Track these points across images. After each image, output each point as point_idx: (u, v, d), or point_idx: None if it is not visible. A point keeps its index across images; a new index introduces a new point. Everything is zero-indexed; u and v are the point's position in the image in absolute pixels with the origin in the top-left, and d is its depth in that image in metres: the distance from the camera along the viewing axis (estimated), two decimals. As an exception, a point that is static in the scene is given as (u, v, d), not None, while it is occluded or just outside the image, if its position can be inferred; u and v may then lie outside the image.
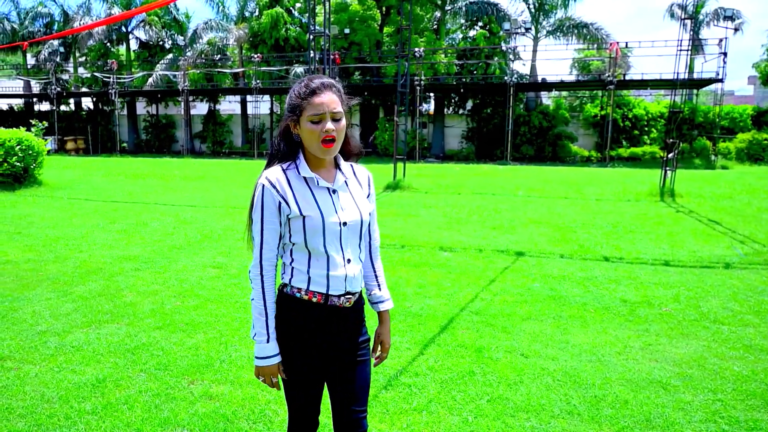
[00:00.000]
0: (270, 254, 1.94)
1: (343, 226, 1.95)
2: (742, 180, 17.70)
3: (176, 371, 3.72)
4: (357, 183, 2.07)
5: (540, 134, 26.63)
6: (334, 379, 2.07)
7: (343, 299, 1.99)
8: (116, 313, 4.81)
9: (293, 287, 1.97)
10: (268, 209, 1.91)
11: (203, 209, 10.75)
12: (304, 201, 1.92)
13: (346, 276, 1.98)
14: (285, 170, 1.94)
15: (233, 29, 31.71)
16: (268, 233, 1.93)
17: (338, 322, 2.01)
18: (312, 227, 1.91)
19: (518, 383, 3.52)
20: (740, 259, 7.04)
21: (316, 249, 1.93)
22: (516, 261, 6.77)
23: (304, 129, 1.91)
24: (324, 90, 1.90)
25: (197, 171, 19.97)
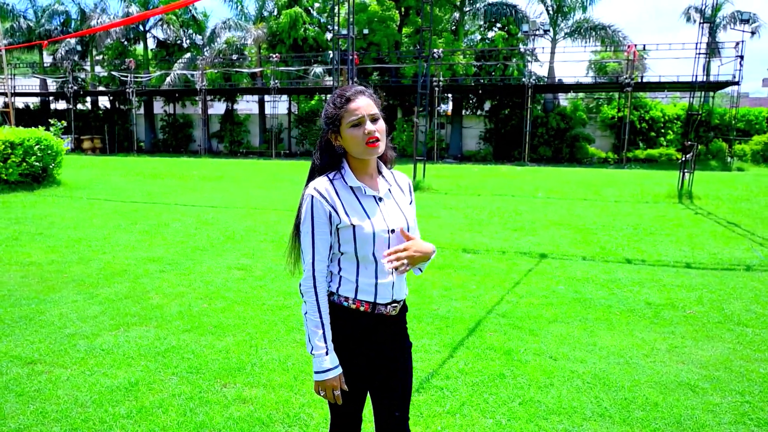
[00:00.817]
0: (321, 266, 1.94)
1: (391, 233, 1.99)
2: (759, 182, 17.63)
3: (208, 374, 3.73)
4: (399, 189, 2.11)
5: (557, 136, 26.63)
6: (379, 387, 2.07)
7: (389, 307, 2.02)
8: (144, 316, 4.82)
9: (340, 296, 1.97)
10: (319, 220, 1.92)
11: (224, 210, 10.84)
12: (353, 210, 1.94)
13: (393, 284, 2.01)
14: (332, 180, 1.97)
15: (251, 29, 31.94)
16: (319, 244, 1.93)
17: (384, 331, 2.04)
18: (362, 236, 1.93)
19: (548, 386, 3.63)
20: (761, 261, 7.10)
21: (366, 257, 1.95)
22: (539, 263, 6.88)
23: (346, 136, 1.94)
24: (358, 95, 1.95)
25: (215, 171, 20.13)
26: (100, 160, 26.34)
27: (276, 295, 5.42)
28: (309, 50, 30.72)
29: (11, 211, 10.25)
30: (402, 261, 1.96)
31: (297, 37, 30.08)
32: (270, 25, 31.06)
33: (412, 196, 2.17)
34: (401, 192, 2.12)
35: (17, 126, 15.77)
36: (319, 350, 1.92)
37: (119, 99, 35.47)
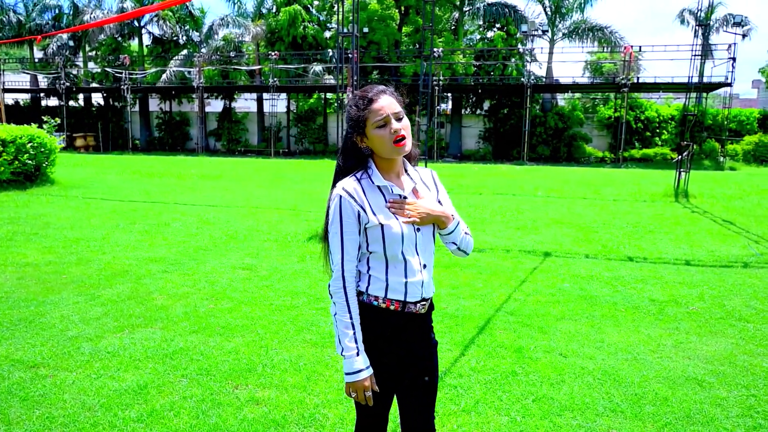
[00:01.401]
0: (351, 266, 1.93)
1: (418, 232, 1.98)
2: (751, 181, 17.85)
3: (219, 376, 3.69)
4: (424, 186, 2.10)
5: (555, 135, 26.82)
6: (407, 386, 2.07)
7: (419, 306, 2.01)
8: (148, 317, 4.76)
9: (370, 295, 1.97)
10: (348, 220, 1.91)
11: (225, 209, 10.79)
12: (381, 210, 1.94)
13: (422, 282, 2.00)
14: (359, 180, 1.97)
15: (250, 26, 31.85)
16: (349, 244, 1.93)
17: (413, 329, 2.03)
18: (391, 236, 1.93)
19: (560, 383, 3.71)
20: (757, 258, 7.25)
21: (395, 256, 1.95)
22: (543, 261, 7.00)
23: (373, 137, 1.94)
24: (380, 95, 1.94)
25: (214, 170, 20.07)
26: (94, 158, 26.01)
27: (283, 295, 5.44)
28: (308, 48, 30.72)
29: (4, 211, 10.05)
30: (407, 211, 1.97)
31: (296, 35, 30.07)
32: (269, 23, 31.01)
33: (439, 187, 2.16)
34: (426, 188, 2.11)
35: (8, 123, 15.39)
36: (350, 351, 1.90)
37: (113, 96, 34.96)
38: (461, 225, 2.12)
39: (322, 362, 3.98)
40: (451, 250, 2.14)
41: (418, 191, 2.07)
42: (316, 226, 8.79)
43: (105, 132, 33.82)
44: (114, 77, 32.50)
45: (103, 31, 33.04)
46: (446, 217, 2.05)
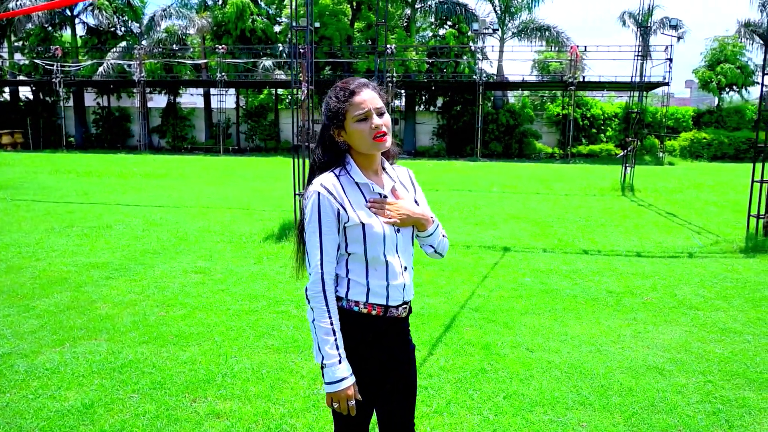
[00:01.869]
0: (330, 267, 1.84)
1: (398, 233, 1.92)
2: (688, 175, 18.69)
3: (174, 389, 3.48)
4: (402, 186, 2.02)
5: (507, 132, 27.33)
6: (389, 390, 2.02)
7: (401, 309, 1.95)
8: (92, 328, 4.45)
9: (350, 301, 1.88)
10: (327, 218, 1.82)
11: (173, 209, 10.38)
12: (361, 208, 1.87)
13: (404, 285, 1.94)
14: (338, 176, 1.88)
15: (195, 18, 30.73)
16: (327, 244, 1.83)
17: (394, 333, 1.98)
18: (372, 236, 1.85)
19: (529, 378, 3.74)
20: (700, 249, 7.57)
21: (376, 258, 1.87)
22: (503, 256, 7.07)
23: (352, 131, 1.85)
24: (362, 88, 1.86)
25: (159, 168, 19.31)
26: (24, 156, 24.40)
27: (240, 299, 5.24)
28: (257, 42, 30.04)
29: None
30: (388, 211, 1.90)
31: (245, 29, 29.32)
32: (215, 15, 30.08)
33: (416, 186, 2.09)
34: (404, 188, 2.04)
35: None
36: (332, 359, 1.80)
37: (44, 90, 32.64)
38: (439, 227, 2.06)
39: (286, 369, 3.84)
40: (428, 252, 2.08)
41: (396, 191, 2.00)
42: (272, 225, 8.60)
43: (35, 128, 31.31)
44: (44, 70, 30.18)
45: (31, 19, 30.64)
46: (426, 219, 1.99)
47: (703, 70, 26.72)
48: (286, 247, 7.41)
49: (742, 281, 5.94)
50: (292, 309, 5.02)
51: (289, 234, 7.86)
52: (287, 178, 14.80)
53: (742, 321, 4.79)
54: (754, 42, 27.07)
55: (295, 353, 4.09)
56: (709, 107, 29.19)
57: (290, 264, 2.06)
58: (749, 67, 26.41)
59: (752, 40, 26.95)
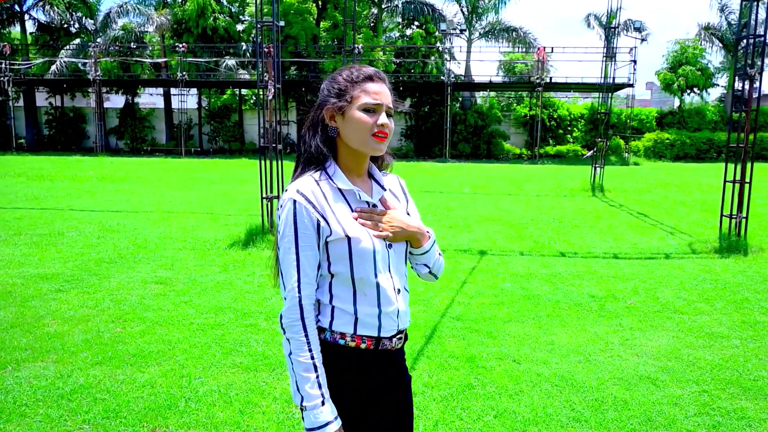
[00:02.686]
0: (309, 290, 1.55)
1: (390, 249, 1.63)
2: (654, 175, 18.98)
3: (131, 418, 3.13)
4: (393, 196, 1.75)
5: (475, 132, 27.38)
6: (378, 419, 1.73)
7: (395, 340, 1.66)
8: (38, 349, 4.02)
9: (335, 333, 1.58)
10: (305, 231, 1.53)
11: (131, 215, 9.84)
12: (347, 219, 1.58)
13: (398, 311, 1.64)
14: (317, 181, 1.59)
15: (153, 15, 29.77)
16: (306, 262, 1.54)
17: (387, 368, 1.68)
18: (360, 251, 1.55)
19: (519, 393, 3.51)
20: (676, 249, 7.52)
21: (364, 279, 1.57)
22: (481, 260, 6.86)
23: (353, 118, 1.57)
24: (379, 81, 1.61)
25: (117, 171, 18.47)
26: (-34, 160, 23.12)
27: (205, 312, 4.86)
28: (220, 41, 29.30)
29: None
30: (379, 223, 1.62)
31: (206, 27, 28.53)
32: (174, 12, 29.19)
33: (408, 197, 1.81)
34: (395, 198, 1.76)
35: None
36: (313, 400, 1.51)
37: None
38: (435, 244, 1.77)
39: (257, 390, 3.51)
40: (421, 273, 1.78)
41: (387, 200, 1.70)
42: (238, 231, 8.20)
43: (-20, 130, 30.00)
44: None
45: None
46: (422, 233, 1.70)
47: (665, 72, 27.31)
48: (254, 253, 7.05)
49: (721, 283, 5.86)
50: (262, 322, 4.68)
51: (257, 240, 7.50)
52: (253, 181, 14.38)
53: (728, 325, 4.67)
54: (714, 45, 27.77)
55: (266, 371, 3.76)
56: (671, 109, 29.83)
57: (266, 271, 1.72)
58: (709, 69, 27.10)
59: (712, 43, 27.64)
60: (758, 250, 7.12)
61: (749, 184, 7.09)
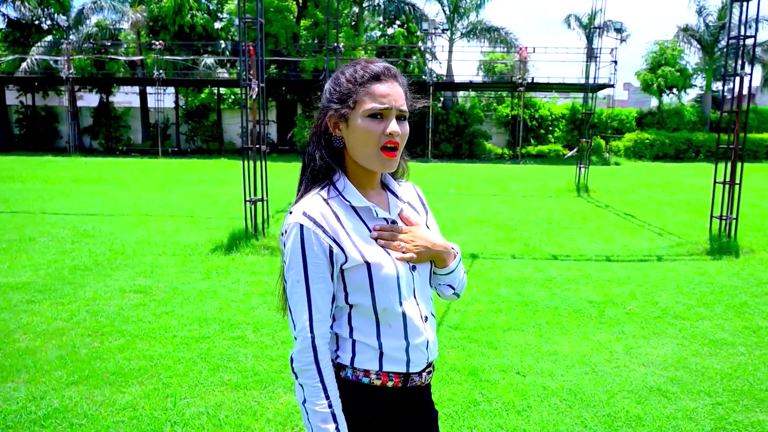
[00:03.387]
0: (323, 328, 1.36)
1: (413, 271, 1.44)
2: (637, 175, 19.06)
3: None
4: (411, 208, 1.56)
5: (457, 132, 27.28)
6: None
7: (425, 375, 1.49)
8: (8, 367, 3.72)
9: (357, 370, 1.40)
10: (315, 260, 1.34)
11: (107, 218, 9.43)
12: (363, 242, 1.38)
13: (427, 342, 1.46)
14: (326, 200, 1.39)
15: (128, 12, 29.03)
16: (318, 296, 1.34)
17: (416, 406, 1.50)
18: (382, 279, 1.37)
19: (527, 409, 3.33)
20: (667, 251, 7.44)
21: (389, 310, 1.39)
22: (473, 264, 6.69)
23: (357, 128, 1.37)
24: (390, 78, 1.39)
25: (91, 172, 17.83)
26: (-66, 160, 22.19)
27: (189, 324, 4.58)
28: (197, 39, 28.72)
29: None
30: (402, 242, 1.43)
31: (183, 24, 27.90)
32: (150, 9, 28.48)
33: (427, 209, 1.63)
34: (414, 210, 1.57)
35: None
36: None
37: None
38: (461, 262, 1.58)
39: (248, 411, 3.28)
40: (444, 294, 1.59)
41: (408, 217, 1.50)
42: (220, 235, 7.91)
43: (-53, 129, 28.95)
44: (-43, 65, 27.96)
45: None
46: (447, 251, 1.51)
47: (645, 73, 27.53)
48: (237, 259, 6.78)
49: (718, 286, 5.77)
50: (249, 334, 4.44)
51: (241, 245, 7.22)
52: (234, 182, 14.03)
53: (730, 331, 4.56)
54: (692, 46, 28.08)
55: (257, 389, 3.53)
56: (649, 109, 30.11)
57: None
58: (688, 70, 27.41)
59: (690, 44, 27.94)
60: (749, 251, 7.08)
61: (739, 185, 7.04)
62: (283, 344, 4.22)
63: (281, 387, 3.54)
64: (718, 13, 26.62)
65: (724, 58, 27.25)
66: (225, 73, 28.70)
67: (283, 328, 4.53)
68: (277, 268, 4.34)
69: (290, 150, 28.21)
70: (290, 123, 29.27)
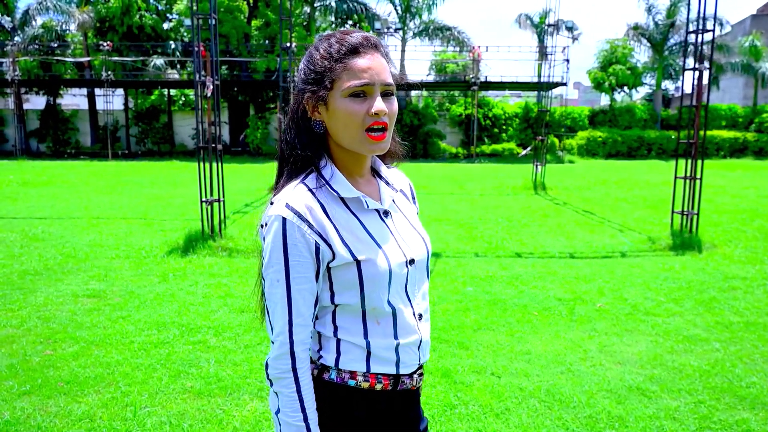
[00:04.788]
0: (304, 333, 1.21)
1: (410, 265, 1.30)
2: (591, 173, 19.45)
3: None
4: (403, 196, 1.43)
5: (411, 132, 27.26)
6: None
7: (416, 377, 1.36)
8: None
9: (342, 371, 1.27)
10: (298, 258, 1.19)
11: (57, 221, 9.08)
12: (354, 236, 1.24)
13: (420, 341, 1.33)
14: (313, 190, 1.24)
15: (75, 12, 27.98)
16: (300, 298, 1.20)
17: (407, 412, 1.37)
18: (374, 277, 1.23)
19: (505, 411, 3.20)
20: (630, 247, 7.51)
21: (378, 309, 1.26)
22: (437, 263, 6.57)
23: (338, 110, 1.21)
24: (369, 49, 1.22)
25: (40, 175, 17.15)
26: None
27: (146, 328, 4.37)
28: (146, 39, 27.82)
29: None
30: None
31: (132, 25, 27.01)
32: (98, 10, 27.50)
33: (416, 203, 1.49)
34: (406, 199, 1.44)
35: None
36: None
37: None
38: None
39: (213, 419, 3.05)
40: None
41: (398, 205, 1.36)
42: (176, 237, 7.56)
43: None
44: None
45: None
46: None
47: (596, 71, 28.16)
48: (194, 261, 6.47)
49: (685, 281, 5.80)
50: (211, 338, 4.21)
51: (197, 246, 6.90)
52: (188, 184, 13.57)
53: (703, 326, 4.55)
54: (642, 44, 28.88)
55: (222, 396, 3.31)
56: (601, 107, 30.84)
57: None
58: (638, 68, 28.18)
59: (639, 42, 28.73)
60: (711, 246, 7.20)
61: (700, 181, 7.15)
62: (247, 348, 4.01)
63: (247, 393, 3.35)
64: (666, 12, 27.42)
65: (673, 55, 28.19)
66: (175, 74, 27.90)
67: (245, 332, 4.30)
68: (237, 270, 4.12)
69: (243, 151, 27.64)
70: (243, 124, 28.69)
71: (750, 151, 26.74)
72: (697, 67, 6.85)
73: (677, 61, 27.82)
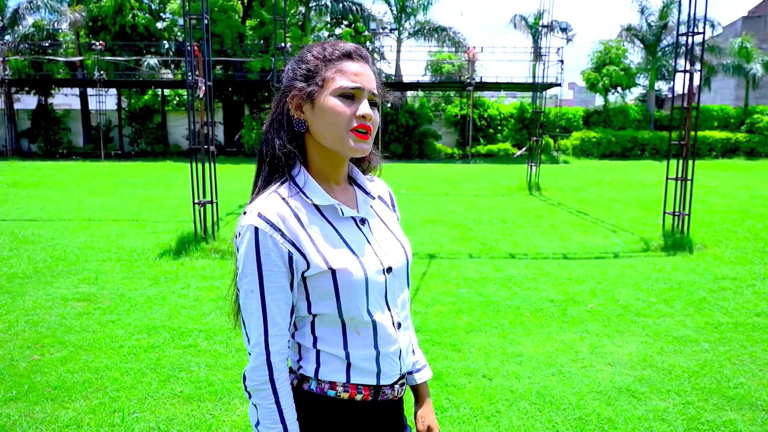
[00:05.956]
0: (280, 344, 1.20)
1: (388, 273, 1.30)
2: (585, 173, 19.48)
3: None
4: (382, 203, 1.44)
5: (407, 132, 27.26)
6: None
7: (397, 387, 1.35)
8: None
9: (322, 382, 1.26)
10: (272, 268, 1.18)
11: (48, 223, 9.01)
12: (328, 245, 1.23)
13: (400, 351, 1.32)
14: (285, 199, 1.22)
15: (67, 11, 27.80)
16: (275, 308, 1.19)
17: (389, 422, 1.37)
18: (349, 285, 1.22)
19: (496, 414, 3.20)
20: (623, 248, 7.53)
21: (356, 319, 1.25)
22: (430, 264, 6.57)
23: (325, 107, 1.21)
24: (360, 58, 1.26)
25: (30, 176, 17.02)
26: None
27: (136, 333, 4.33)
28: (139, 39, 27.69)
29: None
30: None
31: (125, 24, 26.87)
32: (90, 9, 27.33)
33: (396, 211, 1.51)
34: (385, 206, 1.45)
35: None
36: None
37: None
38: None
39: (203, 425, 3.04)
40: None
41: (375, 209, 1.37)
42: (168, 239, 7.53)
43: None
44: None
45: None
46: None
47: (589, 72, 28.24)
48: (186, 263, 6.44)
49: (676, 282, 5.83)
50: (202, 342, 4.18)
51: (190, 248, 6.87)
52: (181, 185, 13.50)
53: (693, 327, 4.58)
54: (635, 45, 28.99)
55: (212, 401, 3.30)
56: (595, 108, 30.93)
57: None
58: (632, 69, 28.27)
59: (633, 43, 28.83)
60: (702, 247, 7.23)
61: (691, 182, 7.18)
62: (238, 352, 3.99)
63: (237, 398, 3.34)
64: (659, 13, 27.51)
65: (666, 57, 28.30)
66: (169, 74, 27.81)
67: (237, 335, 4.29)
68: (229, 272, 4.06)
69: (238, 152, 27.55)
70: (238, 125, 28.60)
71: (741, 152, 26.88)
72: (688, 69, 6.88)
73: (670, 62, 27.92)
